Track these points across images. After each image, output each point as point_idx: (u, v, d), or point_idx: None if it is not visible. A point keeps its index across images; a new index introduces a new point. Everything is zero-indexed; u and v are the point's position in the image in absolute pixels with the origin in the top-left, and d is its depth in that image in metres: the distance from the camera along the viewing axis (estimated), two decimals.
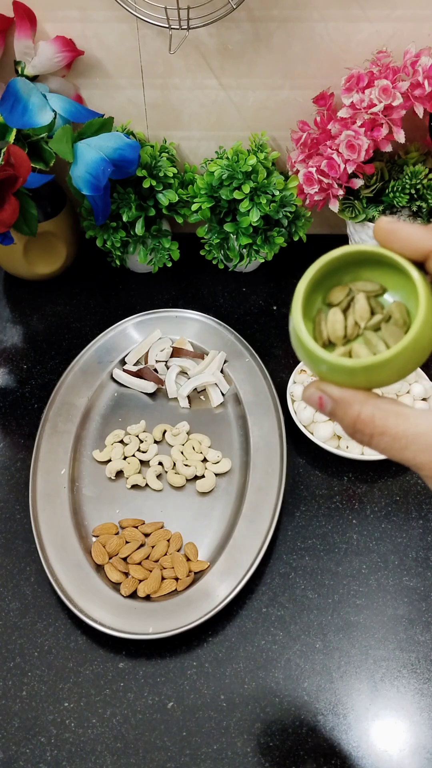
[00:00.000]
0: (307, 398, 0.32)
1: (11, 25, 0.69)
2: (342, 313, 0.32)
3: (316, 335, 0.32)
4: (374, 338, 0.31)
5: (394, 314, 0.31)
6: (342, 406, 0.30)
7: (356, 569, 0.61)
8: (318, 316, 0.33)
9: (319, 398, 0.31)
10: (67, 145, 0.67)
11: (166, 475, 0.67)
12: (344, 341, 0.32)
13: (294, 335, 0.32)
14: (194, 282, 0.85)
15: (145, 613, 0.57)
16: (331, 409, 0.31)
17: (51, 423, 0.69)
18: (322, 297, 0.34)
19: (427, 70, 0.64)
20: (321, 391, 0.31)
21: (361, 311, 0.32)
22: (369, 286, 0.33)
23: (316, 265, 0.32)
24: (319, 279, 0.33)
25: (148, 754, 0.52)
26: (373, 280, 0.33)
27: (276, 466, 0.64)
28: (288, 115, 0.75)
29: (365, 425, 0.30)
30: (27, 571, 0.62)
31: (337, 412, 0.31)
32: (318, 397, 0.31)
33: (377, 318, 0.32)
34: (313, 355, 0.31)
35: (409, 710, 0.54)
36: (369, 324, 0.32)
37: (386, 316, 0.32)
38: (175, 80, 0.73)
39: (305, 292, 0.32)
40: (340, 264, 0.33)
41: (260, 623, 0.58)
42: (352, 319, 0.32)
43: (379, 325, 0.32)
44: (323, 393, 0.31)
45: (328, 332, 0.32)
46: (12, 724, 0.54)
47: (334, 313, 0.32)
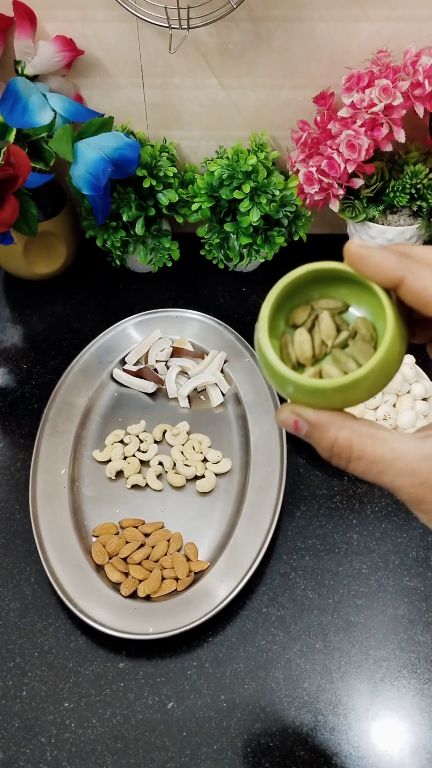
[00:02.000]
0: (282, 421, 0.31)
1: (11, 24, 0.69)
2: (308, 333, 0.32)
3: (284, 358, 0.32)
4: (343, 356, 0.31)
5: (360, 330, 0.31)
6: (318, 429, 0.30)
7: (356, 569, 0.61)
8: (283, 338, 0.32)
9: (294, 422, 0.30)
10: (67, 145, 0.67)
11: (166, 475, 0.67)
12: (313, 361, 0.32)
13: (263, 360, 0.31)
14: (194, 282, 0.85)
15: (145, 613, 0.57)
16: (307, 432, 0.30)
17: (51, 423, 0.69)
18: (284, 319, 0.33)
19: (428, 69, 0.64)
20: (296, 415, 0.30)
21: (327, 329, 0.32)
22: (332, 303, 0.32)
23: (278, 287, 0.31)
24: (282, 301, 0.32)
25: (148, 754, 0.52)
26: (334, 296, 0.33)
27: (276, 466, 0.64)
28: (288, 114, 0.75)
29: (342, 450, 0.29)
30: (27, 571, 0.62)
31: (313, 435, 0.30)
32: (293, 420, 0.30)
33: (344, 335, 0.31)
34: (285, 378, 0.30)
35: (409, 710, 0.54)
36: (336, 342, 0.31)
37: (352, 332, 0.31)
38: (176, 80, 0.73)
39: (269, 316, 0.31)
40: (300, 283, 0.32)
41: (260, 623, 0.58)
42: (318, 338, 0.32)
43: (347, 342, 0.31)
44: (298, 417, 0.30)
45: (296, 354, 0.32)
46: (12, 724, 0.54)
47: (300, 334, 0.32)
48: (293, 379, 0.30)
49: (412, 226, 0.74)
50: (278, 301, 0.32)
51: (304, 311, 0.33)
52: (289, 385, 0.30)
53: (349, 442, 0.29)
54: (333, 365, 0.31)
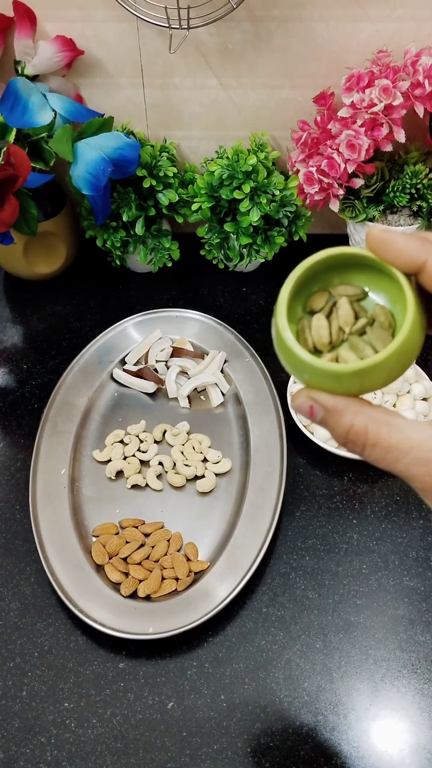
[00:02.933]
0: (297, 407, 0.31)
1: (11, 24, 0.69)
2: (326, 319, 0.32)
3: (301, 343, 0.31)
4: (360, 343, 0.31)
5: (378, 317, 0.31)
6: (334, 415, 0.30)
7: (357, 569, 0.61)
8: (300, 324, 0.32)
9: (309, 407, 0.30)
10: (67, 145, 0.67)
11: (166, 475, 0.67)
12: (329, 348, 0.31)
13: (280, 344, 0.31)
14: (194, 282, 0.85)
15: (145, 613, 0.57)
16: (323, 417, 0.30)
17: (51, 423, 0.69)
18: (302, 305, 0.33)
19: (428, 69, 0.64)
20: (312, 400, 0.30)
21: (345, 316, 0.31)
22: (350, 290, 0.32)
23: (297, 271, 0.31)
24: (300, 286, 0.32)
25: (148, 754, 0.52)
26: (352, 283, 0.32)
27: (276, 466, 0.64)
28: (288, 114, 0.75)
29: (357, 436, 0.29)
30: (27, 571, 0.61)
31: (328, 421, 0.30)
32: (309, 405, 0.30)
33: (362, 322, 0.31)
34: (303, 363, 0.30)
35: (409, 710, 0.54)
36: (354, 329, 0.31)
37: (370, 319, 0.31)
38: (176, 80, 0.73)
39: (288, 299, 0.31)
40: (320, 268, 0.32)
41: (260, 623, 0.58)
42: (336, 324, 0.32)
43: (364, 329, 0.31)
44: (314, 401, 0.30)
45: (314, 339, 0.32)
46: (12, 724, 0.54)
47: (318, 319, 0.32)
48: (311, 362, 0.29)
49: (412, 226, 0.74)
50: (297, 286, 0.32)
51: (321, 297, 0.32)
52: (307, 370, 0.30)
53: (365, 428, 0.29)
54: (350, 351, 0.31)
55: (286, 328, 0.30)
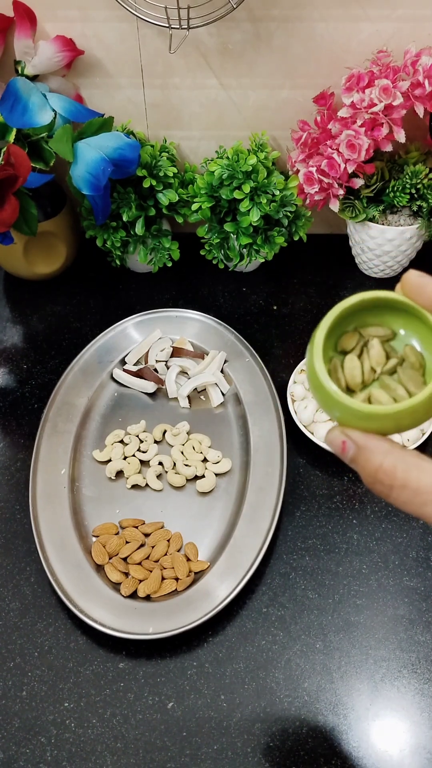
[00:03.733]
0: (330, 441, 0.31)
1: (11, 24, 0.69)
2: (358, 359, 0.33)
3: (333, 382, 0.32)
4: (392, 382, 0.32)
5: (408, 358, 0.32)
6: (365, 453, 0.30)
7: (356, 569, 0.61)
8: (332, 363, 0.33)
9: (342, 443, 0.31)
10: (67, 145, 0.67)
11: (166, 475, 0.67)
12: (361, 387, 0.32)
13: (316, 384, 0.32)
14: (194, 282, 0.85)
15: (145, 613, 0.57)
16: (353, 455, 0.30)
17: (51, 423, 0.69)
18: (333, 344, 0.34)
19: (428, 69, 0.64)
20: (345, 436, 0.31)
21: (377, 356, 0.32)
22: (381, 331, 0.33)
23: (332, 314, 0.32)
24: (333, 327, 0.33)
25: (148, 754, 0.52)
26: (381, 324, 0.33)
27: (276, 466, 0.64)
28: (288, 114, 0.75)
29: (386, 476, 0.29)
30: (27, 571, 0.61)
31: (359, 459, 0.30)
32: (341, 441, 0.31)
33: (392, 362, 0.32)
34: (339, 403, 0.30)
35: (409, 710, 0.54)
36: (385, 368, 0.32)
37: (400, 359, 0.32)
38: (176, 80, 0.73)
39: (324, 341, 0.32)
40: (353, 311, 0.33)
41: (260, 623, 0.58)
42: (368, 364, 0.33)
43: (395, 369, 0.32)
44: (347, 438, 0.30)
45: (347, 379, 0.33)
46: (12, 724, 0.54)
47: (350, 359, 0.33)
48: (346, 403, 0.30)
49: (412, 226, 0.74)
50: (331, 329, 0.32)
51: (353, 338, 0.33)
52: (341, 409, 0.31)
53: (394, 469, 0.29)
54: (382, 391, 0.32)
55: (323, 369, 0.31)
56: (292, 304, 0.82)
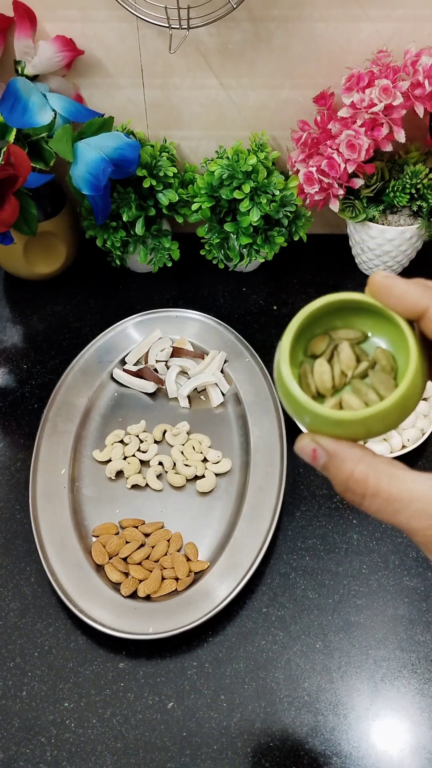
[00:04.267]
0: (300, 449, 0.30)
1: (11, 24, 0.69)
2: (327, 363, 0.32)
3: (303, 388, 0.32)
4: (363, 386, 0.31)
5: (380, 361, 0.31)
6: (336, 461, 0.29)
7: (357, 569, 0.61)
8: (302, 368, 0.32)
9: (312, 450, 0.30)
10: (67, 145, 0.67)
11: (166, 475, 0.67)
12: (332, 391, 0.32)
13: (283, 390, 0.31)
14: (194, 282, 0.85)
15: (145, 613, 0.57)
16: (324, 463, 0.30)
17: (51, 423, 0.69)
18: (302, 348, 0.33)
19: (428, 69, 0.64)
20: (315, 443, 0.30)
21: (347, 360, 0.32)
22: (351, 333, 0.32)
23: (299, 317, 0.31)
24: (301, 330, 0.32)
25: (148, 754, 0.52)
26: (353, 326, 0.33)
27: (276, 466, 0.64)
28: (288, 114, 0.75)
29: (357, 484, 0.29)
30: (27, 571, 0.62)
31: (330, 467, 0.30)
32: (312, 449, 0.30)
33: (363, 365, 0.31)
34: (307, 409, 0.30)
35: (409, 710, 0.54)
36: (356, 372, 0.31)
37: (372, 362, 0.31)
38: (175, 80, 0.73)
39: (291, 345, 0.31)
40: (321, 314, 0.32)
41: (260, 623, 0.58)
42: (338, 368, 0.32)
43: (366, 373, 0.31)
44: (318, 445, 0.30)
45: (317, 384, 0.32)
46: (12, 724, 0.54)
47: (320, 364, 0.32)
48: (315, 410, 0.29)
49: (412, 226, 0.74)
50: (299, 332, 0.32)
51: (322, 341, 0.33)
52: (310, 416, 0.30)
53: (365, 477, 0.29)
54: (353, 395, 0.31)
55: (289, 376, 0.30)
56: (292, 304, 0.82)
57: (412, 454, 0.67)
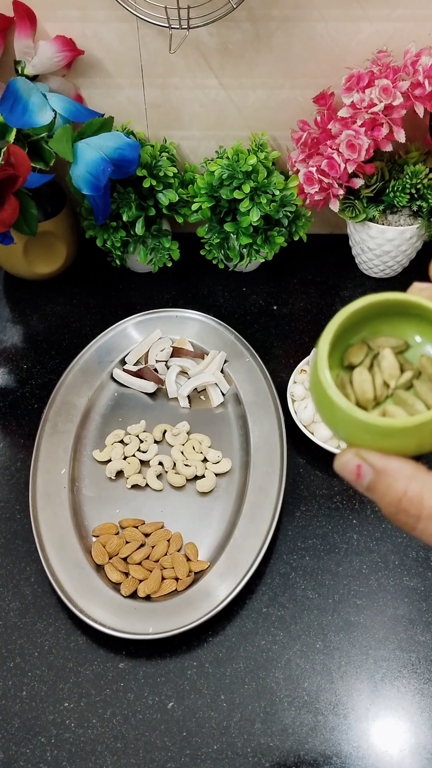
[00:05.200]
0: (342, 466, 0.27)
1: (11, 24, 0.69)
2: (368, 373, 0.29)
3: None
4: (409, 397, 0.28)
5: (426, 369, 0.28)
6: (385, 479, 0.26)
7: (356, 569, 0.61)
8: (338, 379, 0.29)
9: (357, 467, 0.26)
10: (67, 145, 0.67)
11: (166, 475, 0.67)
12: (374, 404, 0.29)
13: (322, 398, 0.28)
14: (194, 282, 0.85)
15: (145, 613, 0.57)
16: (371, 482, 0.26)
17: (51, 423, 0.69)
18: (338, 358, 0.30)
19: (428, 69, 0.64)
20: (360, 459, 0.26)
21: (390, 369, 0.29)
22: (392, 341, 0.29)
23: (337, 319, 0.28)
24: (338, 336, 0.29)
25: (148, 754, 0.52)
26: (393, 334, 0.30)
27: (276, 466, 0.64)
28: (288, 114, 0.75)
29: (412, 505, 0.25)
30: (27, 571, 0.62)
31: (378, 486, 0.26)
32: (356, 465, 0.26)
33: (408, 375, 0.28)
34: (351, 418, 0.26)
35: (409, 710, 0.54)
36: (399, 382, 0.28)
37: (416, 372, 0.29)
38: (176, 80, 0.73)
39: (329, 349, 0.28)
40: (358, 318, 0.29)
41: (260, 623, 0.58)
42: (380, 378, 0.29)
43: (411, 383, 0.28)
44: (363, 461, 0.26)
45: (357, 395, 0.29)
46: (12, 724, 0.54)
47: (359, 373, 0.29)
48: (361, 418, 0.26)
49: (412, 226, 0.74)
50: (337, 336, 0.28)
51: (360, 350, 0.30)
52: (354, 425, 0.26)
53: (420, 496, 0.25)
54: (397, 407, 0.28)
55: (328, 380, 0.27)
56: (292, 304, 0.82)
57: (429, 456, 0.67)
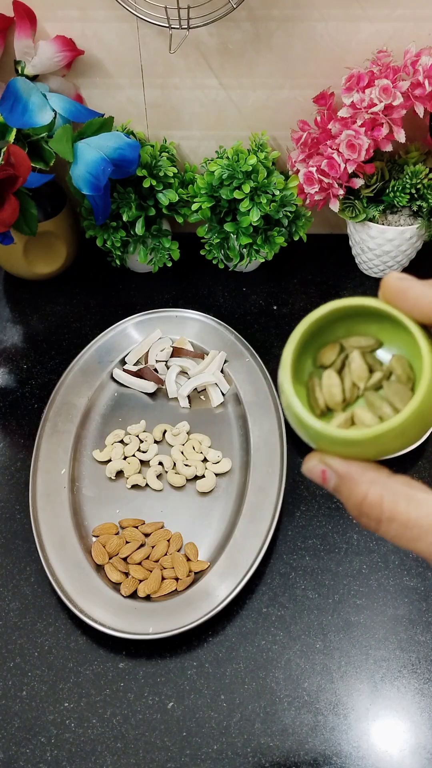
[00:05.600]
0: (309, 471, 0.28)
1: (11, 24, 0.69)
2: (337, 375, 0.29)
3: (312, 403, 0.29)
4: (377, 399, 0.28)
5: (395, 370, 0.28)
6: (347, 483, 0.27)
7: (356, 569, 0.61)
8: (311, 381, 0.30)
9: (321, 472, 0.28)
10: (67, 145, 0.67)
11: (166, 475, 0.67)
12: (343, 406, 0.29)
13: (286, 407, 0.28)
14: (194, 282, 0.85)
15: (145, 613, 0.57)
16: (335, 485, 0.27)
17: (51, 423, 0.69)
18: (311, 359, 0.30)
19: (428, 69, 0.64)
20: (324, 465, 0.27)
21: (358, 370, 0.29)
22: (363, 341, 0.30)
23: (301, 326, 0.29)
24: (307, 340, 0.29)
25: (148, 754, 0.52)
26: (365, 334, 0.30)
27: (276, 466, 0.64)
28: (288, 114, 0.75)
29: (372, 508, 0.26)
30: (27, 571, 0.62)
31: (341, 490, 0.27)
32: (320, 470, 0.28)
33: (377, 376, 0.29)
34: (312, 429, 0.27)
35: (409, 710, 0.54)
36: (369, 384, 0.29)
37: (386, 373, 0.29)
38: (176, 80, 0.73)
39: (293, 357, 0.28)
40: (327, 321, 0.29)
41: (260, 623, 0.58)
42: (349, 380, 0.29)
43: (380, 384, 0.29)
44: (327, 467, 0.27)
45: (325, 398, 0.29)
46: (12, 724, 0.54)
47: (328, 376, 0.29)
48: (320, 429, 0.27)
49: (412, 226, 0.74)
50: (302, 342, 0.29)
51: (332, 350, 0.30)
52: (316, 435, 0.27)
53: (380, 500, 0.26)
54: (366, 410, 0.28)
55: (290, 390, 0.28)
56: (292, 304, 0.82)
57: (412, 455, 0.67)
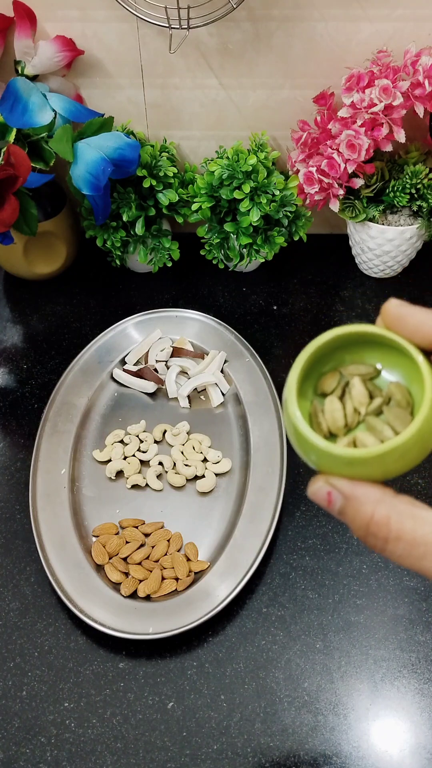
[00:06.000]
0: (314, 493, 0.29)
1: (11, 24, 0.69)
2: (339, 401, 0.30)
3: (315, 428, 0.30)
4: (378, 424, 0.29)
5: (395, 396, 0.30)
6: (353, 504, 0.27)
7: (357, 569, 0.61)
8: (312, 407, 0.31)
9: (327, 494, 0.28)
10: (67, 145, 0.67)
11: (166, 475, 0.67)
12: (346, 430, 0.30)
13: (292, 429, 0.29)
14: (194, 282, 0.85)
15: (145, 613, 0.57)
16: (341, 507, 0.28)
17: (51, 423, 0.69)
18: (312, 386, 0.31)
19: (428, 69, 0.64)
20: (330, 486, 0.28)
21: (359, 396, 0.30)
22: (362, 368, 0.31)
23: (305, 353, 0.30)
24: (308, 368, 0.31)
25: (148, 754, 0.52)
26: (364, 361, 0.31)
27: (276, 466, 0.64)
28: (288, 114, 0.75)
29: (379, 528, 0.27)
30: (27, 571, 0.62)
31: (347, 511, 0.28)
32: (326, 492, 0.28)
33: (377, 402, 0.30)
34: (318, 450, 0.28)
35: (409, 710, 0.54)
36: (370, 409, 0.30)
37: (386, 398, 0.30)
38: (176, 80, 0.73)
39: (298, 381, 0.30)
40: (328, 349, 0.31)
41: (260, 623, 0.58)
42: (350, 405, 0.30)
43: (381, 409, 0.30)
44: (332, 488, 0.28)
45: (328, 424, 0.30)
46: (12, 724, 0.54)
47: (330, 402, 0.30)
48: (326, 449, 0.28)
49: (412, 226, 0.74)
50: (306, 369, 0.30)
51: (332, 378, 0.31)
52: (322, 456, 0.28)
53: (387, 520, 0.27)
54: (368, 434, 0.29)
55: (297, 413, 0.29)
56: (292, 304, 0.82)
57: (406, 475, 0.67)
